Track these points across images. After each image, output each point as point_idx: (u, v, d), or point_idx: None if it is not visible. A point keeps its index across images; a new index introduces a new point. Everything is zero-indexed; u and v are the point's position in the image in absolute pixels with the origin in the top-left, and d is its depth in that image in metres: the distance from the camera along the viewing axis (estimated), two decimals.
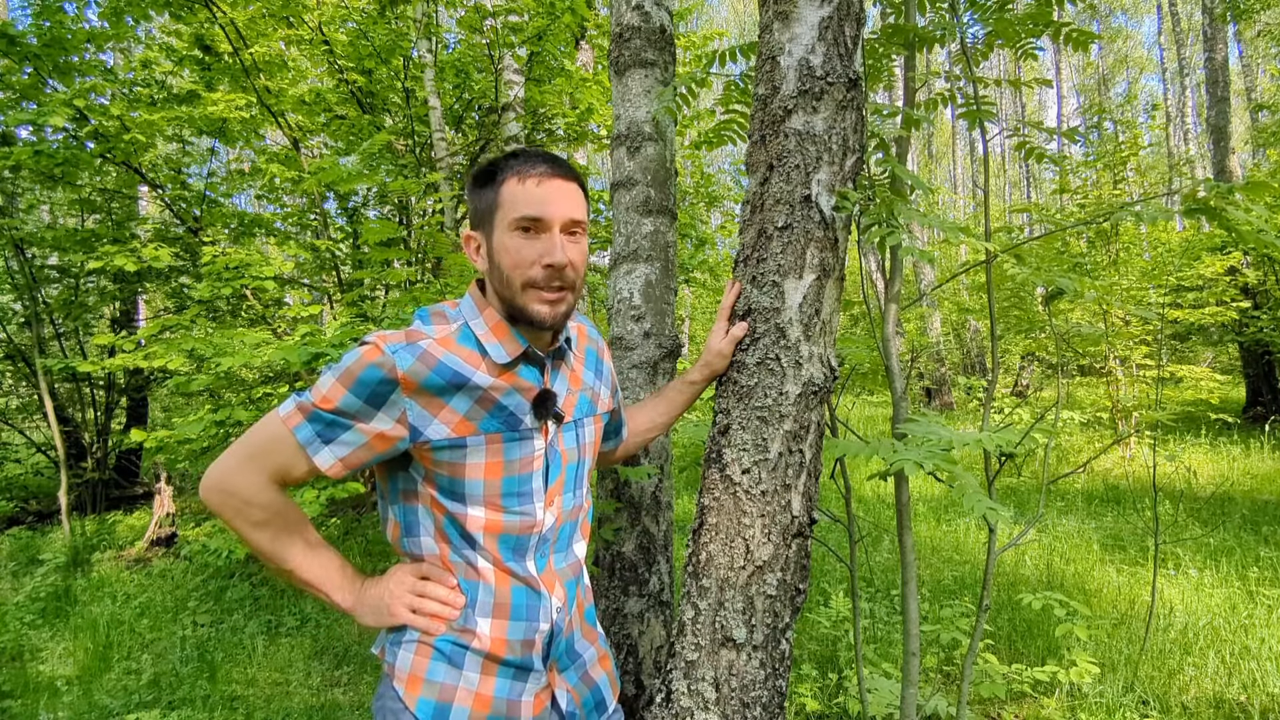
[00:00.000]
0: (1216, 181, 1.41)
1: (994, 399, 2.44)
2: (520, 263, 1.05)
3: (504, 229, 1.06)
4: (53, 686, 3.06)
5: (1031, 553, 4.35)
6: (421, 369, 1.00)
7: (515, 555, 1.08)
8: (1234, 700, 2.55)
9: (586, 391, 1.20)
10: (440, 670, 1.04)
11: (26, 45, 4.34)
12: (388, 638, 1.09)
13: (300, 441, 1.00)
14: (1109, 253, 7.61)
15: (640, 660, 1.95)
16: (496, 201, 1.07)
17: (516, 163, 1.08)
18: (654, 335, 1.99)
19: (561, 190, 1.07)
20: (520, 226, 1.05)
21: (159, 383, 6.65)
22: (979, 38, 1.73)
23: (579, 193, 1.10)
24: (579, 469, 1.17)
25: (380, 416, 1.00)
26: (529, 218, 1.04)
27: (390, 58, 5.42)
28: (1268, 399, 8.83)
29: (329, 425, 1.00)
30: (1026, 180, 24.63)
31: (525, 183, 1.05)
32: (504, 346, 1.07)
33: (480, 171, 1.11)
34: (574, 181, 1.10)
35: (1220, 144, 9.34)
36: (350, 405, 0.99)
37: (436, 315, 1.10)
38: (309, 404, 1.00)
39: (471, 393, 1.03)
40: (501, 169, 1.08)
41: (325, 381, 1.01)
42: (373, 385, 0.99)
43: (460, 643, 1.05)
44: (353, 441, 1.01)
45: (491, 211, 1.08)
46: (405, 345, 1.01)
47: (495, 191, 1.08)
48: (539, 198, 1.05)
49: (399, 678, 1.05)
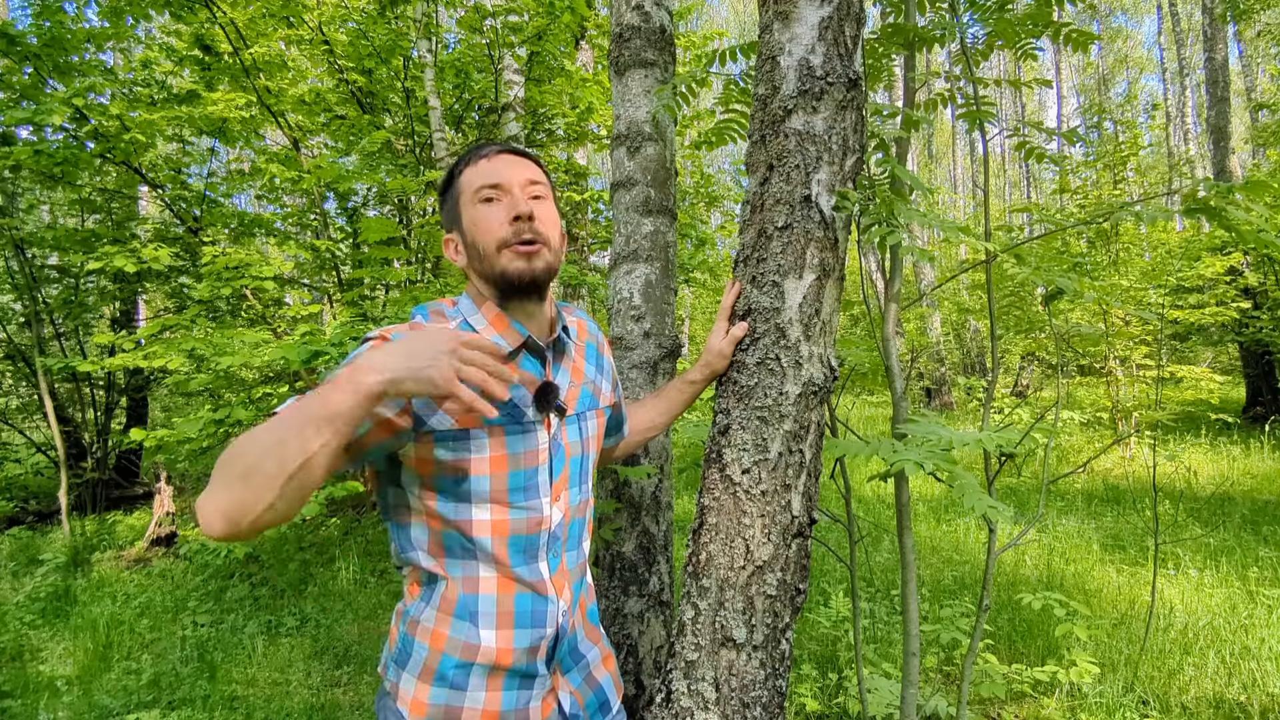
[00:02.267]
0: (1216, 181, 1.41)
1: (994, 399, 2.44)
2: (490, 227, 1.08)
3: (469, 207, 1.10)
4: (53, 686, 3.06)
5: (1031, 553, 4.35)
6: None
7: (526, 558, 1.06)
8: (1234, 700, 2.55)
9: (588, 385, 1.20)
10: (443, 694, 1.02)
11: (26, 45, 4.34)
12: (392, 655, 1.07)
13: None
14: (1109, 253, 7.61)
15: (640, 660, 1.95)
16: (458, 191, 1.12)
17: (467, 155, 1.14)
18: (654, 335, 1.99)
19: (514, 160, 1.12)
20: (483, 198, 1.09)
21: (159, 382, 6.66)
22: (979, 38, 1.73)
23: (531, 163, 1.14)
24: (583, 463, 1.17)
25: (386, 402, 0.98)
26: (487, 185, 1.09)
27: (390, 58, 5.42)
28: (1268, 399, 8.83)
29: None
30: (1026, 180, 24.64)
31: (478, 164, 1.11)
32: (504, 338, 1.08)
33: (442, 181, 1.17)
34: (526, 158, 1.14)
35: (1220, 144, 9.34)
36: None
37: (435, 313, 1.11)
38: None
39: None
40: (457, 165, 1.14)
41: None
42: None
43: (463, 664, 1.03)
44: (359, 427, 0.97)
45: (456, 202, 1.13)
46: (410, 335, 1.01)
47: (455, 185, 1.13)
48: (494, 168, 1.10)
49: (403, 699, 1.04)
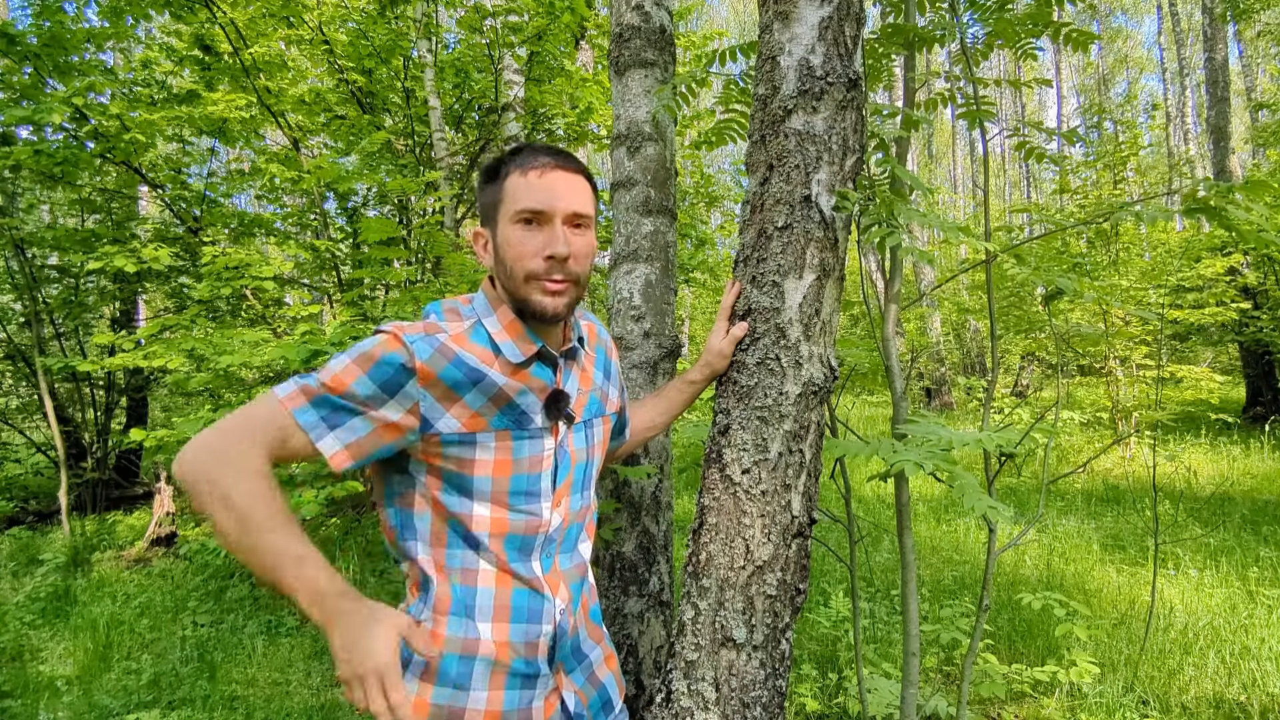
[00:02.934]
0: (1216, 181, 1.41)
1: (994, 399, 2.44)
2: (522, 255, 1.04)
3: (507, 222, 1.06)
4: (53, 686, 3.06)
5: (1031, 553, 4.35)
6: (440, 361, 0.99)
7: (521, 556, 1.06)
8: (1234, 700, 2.55)
9: (596, 392, 1.20)
10: (446, 694, 1.02)
11: (27, 45, 4.34)
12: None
13: (302, 425, 0.95)
14: (1109, 253, 7.61)
15: (640, 660, 1.95)
16: (500, 196, 1.07)
17: (520, 157, 1.07)
18: (654, 335, 1.99)
19: (565, 182, 1.06)
20: (522, 219, 1.05)
21: (159, 382, 6.66)
22: (979, 38, 1.73)
23: (585, 186, 1.09)
24: (587, 469, 1.16)
25: (392, 405, 0.98)
26: (530, 210, 1.04)
27: (390, 58, 5.42)
28: (1268, 399, 8.83)
29: (336, 410, 0.96)
30: (1026, 180, 24.63)
31: (528, 175, 1.05)
32: (518, 345, 1.07)
33: (487, 168, 1.11)
34: (579, 174, 1.09)
35: (1220, 144, 9.34)
36: (363, 389, 0.96)
37: (450, 311, 1.09)
38: (315, 387, 0.96)
39: (486, 390, 1.03)
40: (506, 164, 1.08)
41: (338, 364, 0.97)
42: (389, 372, 0.97)
43: (465, 659, 1.03)
44: (360, 429, 0.97)
45: (496, 206, 1.08)
46: (424, 336, 1.00)
47: (500, 186, 1.07)
48: (541, 190, 1.04)
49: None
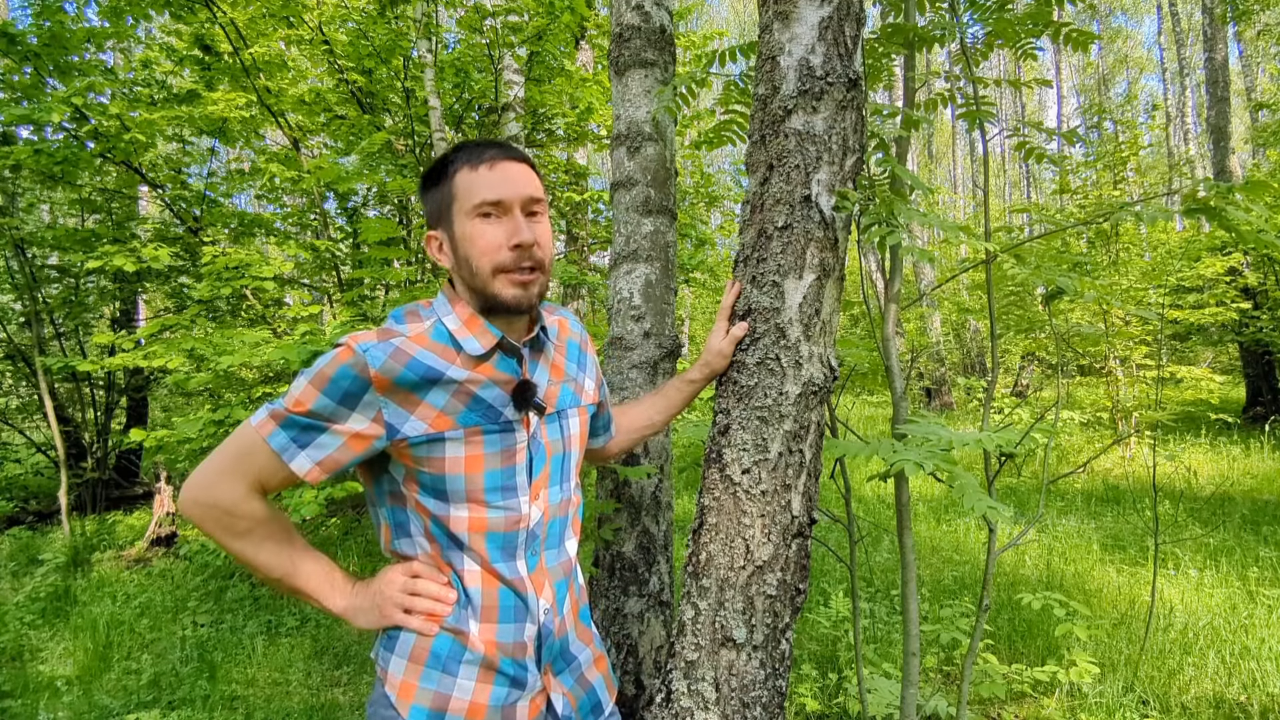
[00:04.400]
0: (1216, 181, 1.41)
1: (994, 399, 2.44)
2: (487, 248, 1.04)
3: (464, 218, 1.05)
4: (53, 686, 3.06)
5: (1031, 553, 4.35)
6: (394, 366, 1.00)
7: (504, 555, 1.06)
8: (1234, 700, 2.55)
9: (569, 383, 1.19)
10: (434, 677, 1.03)
11: (27, 45, 4.35)
12: (381, 641, 1.08)
13: (275, 448, 0.99)
14: (1109, 253, 7.62)
15: (640, 660, 1.95)
16: (453, 194, 1.07)
17: (464, 153, 1.07)
18: (654, 335, 1.99)
19: (516, 171, 1.07)
20: (481, 212, 1.04)
21: (159, 382, 6.66)
22: (979, 38, 1.73)
23: (532, 173, 1.09)
24: (565, 461, 1.16)
25: (355, 417, 0.99)
26: (489, 201, 1.04)
27: (390, 58, 5.42)
28: (1268, 399, 8.84)
29: (303, 430, 0.99)
30: (1026, 180, 24.64)
31: (479, 169, 1.05)
32: (478, 339, 1.07)
33: (430, 171, 1.11)
34: (525, 163, 1.09)
35: (1220, 144, 9.34)
36: (324, 407, 0.98)
37: (410, 314, 1.10)
38: (282, 410, 0.99)
39: (447, 387, 1.03)
40: (451, 162, 1.08)
41: (298, 385, 1.00)
42: (345, 385, 0.98)
43: (456, 644, 1.04)
44: (328, 444, 1.00)
45: (449, 205, 1.07)
46: (377, 344, 1.00)
47: (449, 184, 1.07)
48: (496, 180, 1.05)
49: (391, 683, 1.04)
